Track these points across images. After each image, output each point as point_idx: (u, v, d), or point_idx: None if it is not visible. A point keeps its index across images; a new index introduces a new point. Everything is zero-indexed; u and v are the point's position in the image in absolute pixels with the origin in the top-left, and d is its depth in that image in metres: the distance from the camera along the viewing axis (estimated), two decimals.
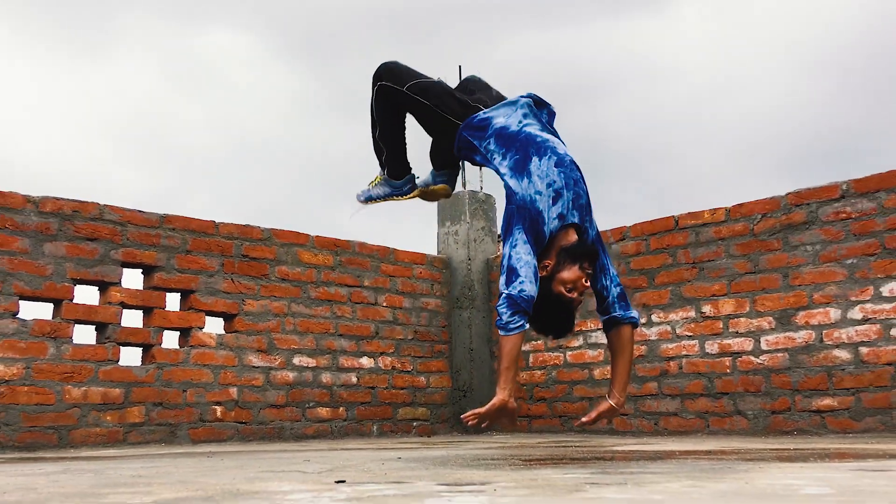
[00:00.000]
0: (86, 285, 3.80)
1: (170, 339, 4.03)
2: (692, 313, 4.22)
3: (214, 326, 4.17)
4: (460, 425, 5.04)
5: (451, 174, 3.54)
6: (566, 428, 4.66)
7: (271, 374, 4.29)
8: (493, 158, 3.02)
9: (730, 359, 4.05)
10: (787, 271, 3.91)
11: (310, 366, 4.46)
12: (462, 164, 3.79)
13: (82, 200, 3.79)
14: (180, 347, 4.03)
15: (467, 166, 4.98)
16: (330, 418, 4.50)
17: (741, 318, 4.04)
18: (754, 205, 4.06)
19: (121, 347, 3.84)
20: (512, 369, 2.76)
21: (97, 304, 3.82)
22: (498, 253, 5.13)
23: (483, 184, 5.34)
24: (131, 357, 3.89)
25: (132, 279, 3.94)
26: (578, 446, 2.93)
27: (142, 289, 3.97)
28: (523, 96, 3.14)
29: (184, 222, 4.11)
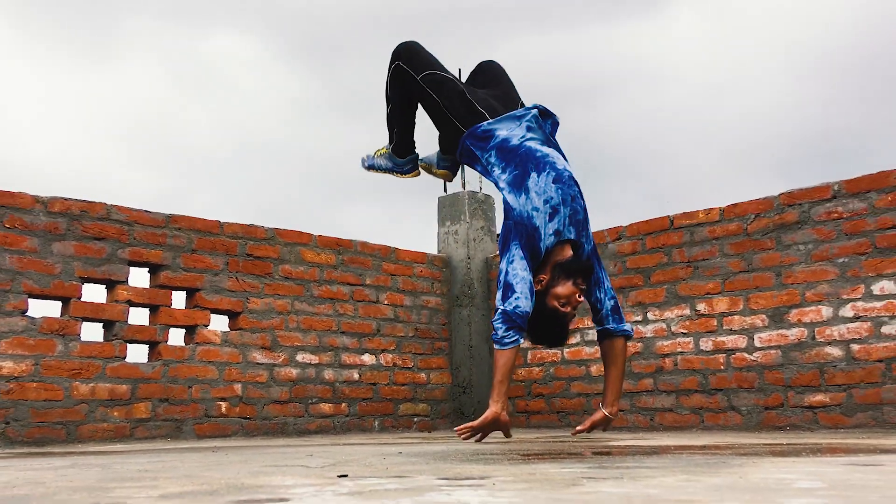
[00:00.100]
0: (93, 284, 3.84)
1: (175, 337, 4.07)
2: (687, 311, 4.27)
3: (219, 324, 4.21)
4: (460, 421, 5.09)
5: (455, 160, 3.55)
6: (563, 423, 4.71)
7: (275, 371, 4.34)
8: (492, 171, 3.05)
9: (724, 356, 4.11)
10: (779, 270, 3.96)
11: (312, 362, 4.51)
12: (462, 164, 3.82)
13: (90, 200, 3.83)
14: (186, 345, 4.08)
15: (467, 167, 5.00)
16: (332, 414, 4.55)
17: (735, 316, 4.09)
18: (748, 205, 4.10)
19: (128, 344, 3.89)
20: (505, 383, 2.82)
21: (104, 302, 3.87)
22: (497, 252, 5.17)
23: (482, 184, 5.38)
24: (138, 354, 3.94)
25: (139, 278, 3.99)
26: (576, 441, 2.97)
27: (148, 287, 4.02)
28: (529, 108, 3.16)
29: (189, 222, 4.15)
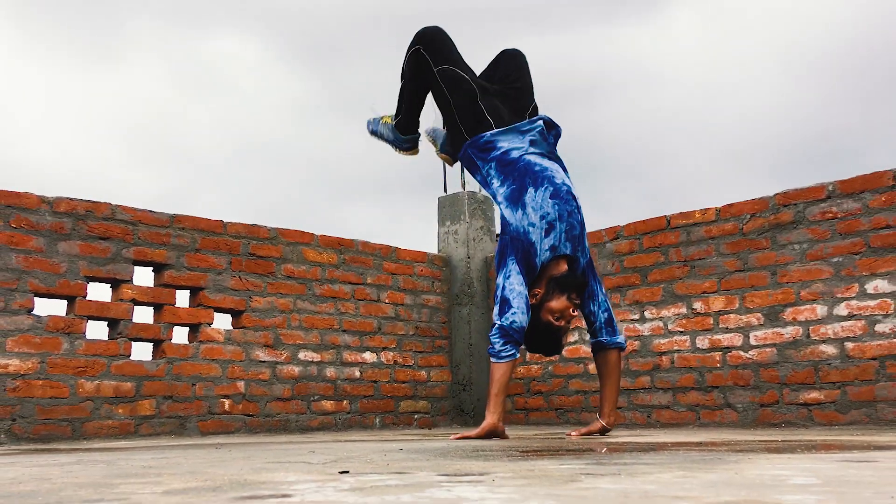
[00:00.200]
0: (98, 283, 3.88)
1: (179, 335, 4.11)
2: (683, 310, 4.32)
3: (223, 322, 4.25)
4: (460, 418, 5.15)
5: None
6: (562, 421, 4.76)
7: (277, 369, 4.39)
8: (491, 183, 3.09)
9: (720, 354, 4.16)
10: (775, 269, 4.01)
11: (315, 360, 4.55)
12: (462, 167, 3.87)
13: (95, 201, 3.86)
14: (190, 343, 4.12)
15: None
16: (334, 411, 4.59)
17: (731, 315, 4.14)
18: (743, 205, 4.15)
19: (132, 343, 3.93)
20: (502, 395, 2.88)
21: (109, 300, 3.91)
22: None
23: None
24: (142, 352, 3.97)
25: (143, 277, 4.03)
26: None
27: (152, 286, 4.06)
28: (535, 120, 3.19)
29: (193, 222, 4.19)
